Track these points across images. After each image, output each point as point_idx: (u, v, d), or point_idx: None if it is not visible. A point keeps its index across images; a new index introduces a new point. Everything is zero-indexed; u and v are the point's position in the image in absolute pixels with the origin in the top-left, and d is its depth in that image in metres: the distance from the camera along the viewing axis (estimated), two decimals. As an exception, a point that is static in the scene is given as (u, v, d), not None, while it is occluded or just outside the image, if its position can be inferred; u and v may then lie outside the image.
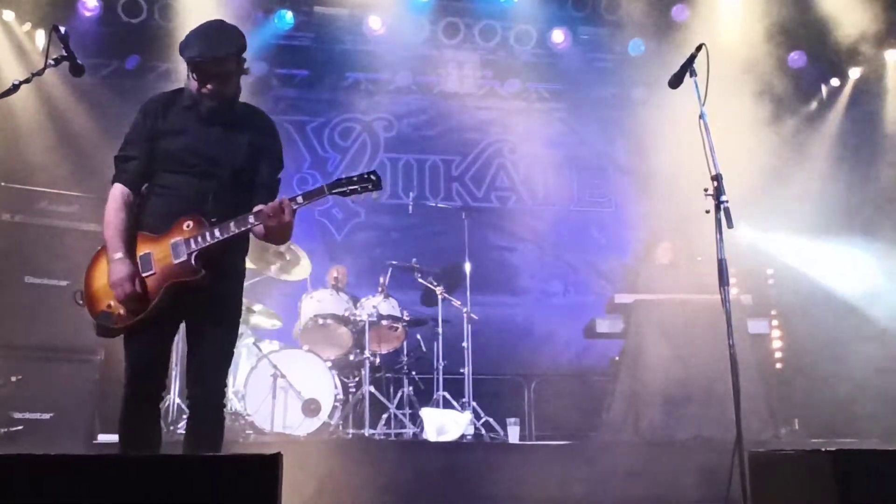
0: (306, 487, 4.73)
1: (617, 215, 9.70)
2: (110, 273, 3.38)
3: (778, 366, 8.23)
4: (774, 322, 8.11)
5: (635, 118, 8.93)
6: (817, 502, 2.94)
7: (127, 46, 8.28)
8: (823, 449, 2.97)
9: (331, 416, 6.40)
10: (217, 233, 3.38)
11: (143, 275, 3.39)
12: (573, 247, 9.52)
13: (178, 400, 6.40)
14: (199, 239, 3.38)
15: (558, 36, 8.60)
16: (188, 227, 3.40)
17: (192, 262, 3.38)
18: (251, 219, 3.38)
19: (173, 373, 6.53)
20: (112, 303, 3.40)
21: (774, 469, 3.21)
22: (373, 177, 3.48)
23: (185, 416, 6.19)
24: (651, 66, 8.31)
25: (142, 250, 3.43)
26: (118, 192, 3.49)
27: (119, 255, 3.39)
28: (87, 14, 7.83)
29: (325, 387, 6.42)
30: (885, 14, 7.96)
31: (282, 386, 6.26)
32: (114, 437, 6.05)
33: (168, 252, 3.39)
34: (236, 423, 6.26)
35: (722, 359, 3.70)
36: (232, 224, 3.39)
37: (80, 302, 3.51)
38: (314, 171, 9.46)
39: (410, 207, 7.69)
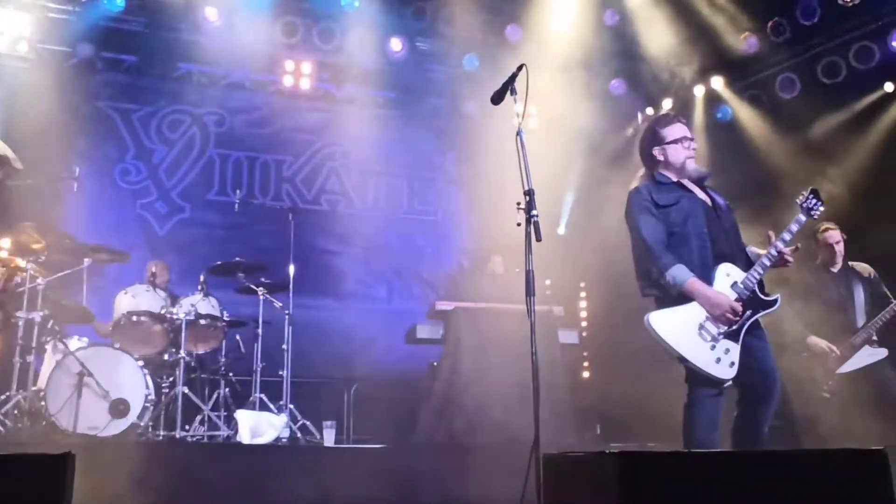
0: (108, 489, 4.55)
1: (443, 225, 9.93)
2: None
3: (585, 374, 8.70)
4: (584, 333, 8.58)
5: (465, 131, 9.21)
6: (602, 501, 3.15)
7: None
8: (608, 451, 3.19)
9: (140, 416, 6.16)
10: None
11: None
12: (399, 254, 9.66)
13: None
14: None
15: (396, 44, 8.65)
16: None
17: None
18: None
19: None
20: None
21: (565, 470, 3.41)
22: None
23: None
24: (483, 82, 8.56)
25: None
26: None
27: None
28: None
29: (135, 387, 6.17)
30: (698, 51, 8.62)
31: (88, 385, 5.98)
32: None
33: None
34: (36, 424, 5.92)
35: (531, 366, 3.89)
36: None
37: None
38: (138, 162, 9.09)
39: (237, 205, 7.54)
